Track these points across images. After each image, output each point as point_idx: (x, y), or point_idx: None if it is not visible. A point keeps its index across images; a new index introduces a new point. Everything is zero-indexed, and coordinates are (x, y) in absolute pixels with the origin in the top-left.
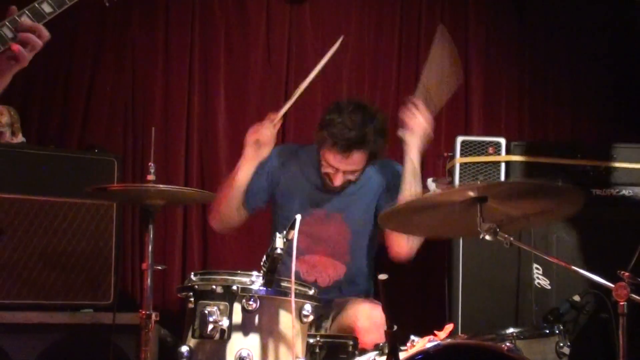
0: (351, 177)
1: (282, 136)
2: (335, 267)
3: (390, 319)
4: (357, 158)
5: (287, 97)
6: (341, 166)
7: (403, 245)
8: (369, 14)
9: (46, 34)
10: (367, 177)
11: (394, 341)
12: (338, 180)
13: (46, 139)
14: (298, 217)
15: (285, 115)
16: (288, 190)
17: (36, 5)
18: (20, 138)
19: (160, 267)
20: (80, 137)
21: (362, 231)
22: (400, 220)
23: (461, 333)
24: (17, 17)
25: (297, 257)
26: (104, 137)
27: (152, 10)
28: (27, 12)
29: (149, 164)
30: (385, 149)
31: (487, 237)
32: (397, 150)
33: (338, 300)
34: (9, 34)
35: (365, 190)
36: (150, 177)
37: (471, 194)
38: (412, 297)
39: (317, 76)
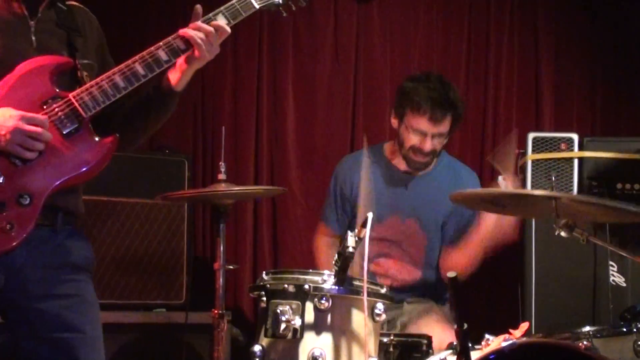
0: (437, 145)
1: (351, 142)
2: (410, 273)
3: (460, 317)
4: (446, 120)
5: (355, 96)
6: (430, 129)
7: (461, 264)
8: (437, 13)
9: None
10: (441, 179)
11: (465, 340)
12: (428, 145)
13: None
14: (370, 215)
15: (354, 122)
16: (362, 197)
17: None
18: None
19: (232, 267)
20: (151, 138)
21: (435, 236)
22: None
23: (535, 332)
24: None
25: (371, 261)
26: (174, 138)
27: None
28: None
29: (220, 163)
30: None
31: (563, 234)
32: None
33: (408, 306)
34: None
35: (440, 193)
36: (221, 176)
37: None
38: (484, 295)
39: None
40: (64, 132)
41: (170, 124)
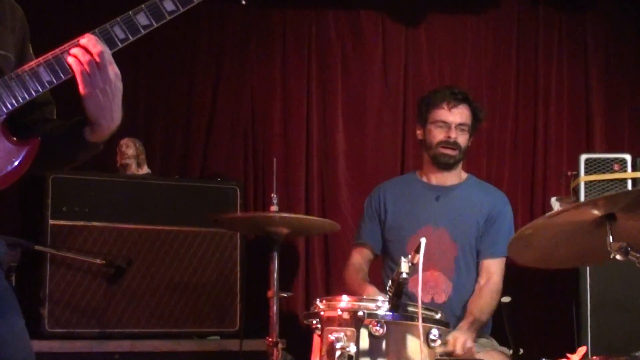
0: (461, 138)
1: (402, 166)
2: (446, 282)
3: (515, 342)
4: (464, 110)
5: (405, 120)
6: (452, 117)
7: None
8: (485, 35)
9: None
10: (470, 192)
11: None
12: (453, 133)
13: (170, 169)
14: (423, 240)
15: (404, 146)
16: (396, 211)
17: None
18: (145, 169)
19: (285, 295)
20: (202, 166)
21: (466, 249)
22: (524, 247)
23: (592, 356)
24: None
25: (411, 277)
26: (224, 166)
27: (269, 37)
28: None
29: (272, 195)
30: (483, 114)
31: (618, 257)
32: None
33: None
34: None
35: (469, 206)
36: (274, 207)
37: (597, 212)
38: (538, 320)
39: None
40: None
41: (221, 151)
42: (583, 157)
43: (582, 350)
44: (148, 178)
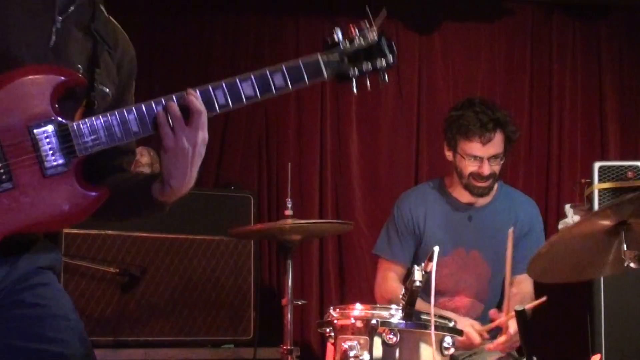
0: (496, 167)
1: (416, 175)
2: (474, 307)
3: (529, 350)
4: (498, 139)
5: (419, 128)
6: (485, 151)
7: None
8: (499, 43)
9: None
10: (502, 208)
11: None
12: (486, 169)
13: None
14: (436, 248)
15: (418, 154)
16: (429, 234)
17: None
18: None
19: (299, 302)
20: (216, 174)
21: (498, 269)
22: (542, 267)
23: None
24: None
25: (442, 298)
26: (238, 174)
27: (282, 44)
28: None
29: (286, 199)
30: (517, 134)
31: (632, 265)
32: None
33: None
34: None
35: (501, 223)
36: (288, 212)
37: (609, 222)
38: (552, 328)
39: None
40: (46, 167)
41: (235, 160)
42: (597, 165)
43: (596, 358)
44: None
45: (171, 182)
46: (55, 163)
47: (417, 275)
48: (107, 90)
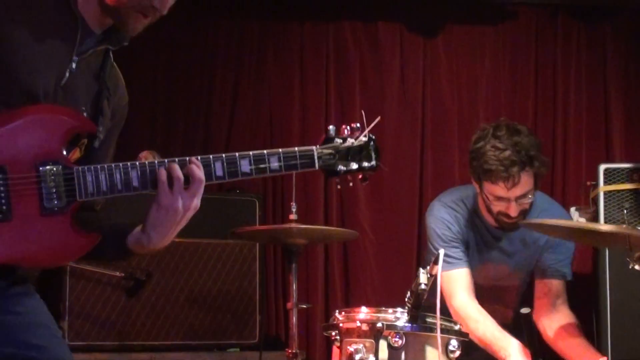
0: (525, 204)
1: (420, 179)
2: (503, 314)
3: (535, 352)
4: (524, 179)
5: (423, 132)
6: (511, 194)
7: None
8: (503, 46)
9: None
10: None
11: None
12: (514, 211)
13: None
14: (442, 251)
15: (422, 158)
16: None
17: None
18: None
19: (305, 306)
20: None
21: (527, 276)
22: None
23: None
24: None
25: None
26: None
27: (286, 48)
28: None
29: (291, 203)
30: (546, 164)
31: (637, 267)
32: None
33: None
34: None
35: (532, 238)
36: (293, 216)
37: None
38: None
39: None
40: (45, 206)
41: None
42: (602, 167)
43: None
44: None
45: (152, 234)
46: (54, 203)
47: (423, 278)
48: (99, 134)
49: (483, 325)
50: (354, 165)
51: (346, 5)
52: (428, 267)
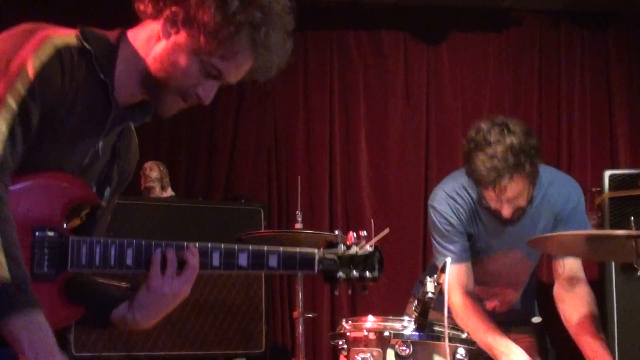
0: (522, 202)
1: (425, 183)
2: (513, 295)
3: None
4: (514, 184)
5: (428, 137)
6: (504, 199)
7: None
8: (507, 52)
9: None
10: (541, 206)
11: None
12: (507, 212)
13: (194, 192)
14: (448, 260)
15: (427, 163)
16: (470, 236)
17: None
18: (169, 192)
19: (311, 315)
20: (226, 188)
21: (537, 258)
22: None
23: None
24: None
25: (480, 287)
26: (248, 186)
27: (290, 58)
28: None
29: (297, 212)
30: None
31: None
32: None
33: None
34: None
35: (542, 221)
36: (298, 225)
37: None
38: (566, 337)
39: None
40: (35, 272)
41: (245, 173)
42: (607, 173)
43: None
44: (172, 201)
45: (137, 314)
46: (44, 270)
47: (430, 286)
48: (105, 204)
49: (477, 329)
50: (356, 274)
51: (350, 14)
52: (435, 276)
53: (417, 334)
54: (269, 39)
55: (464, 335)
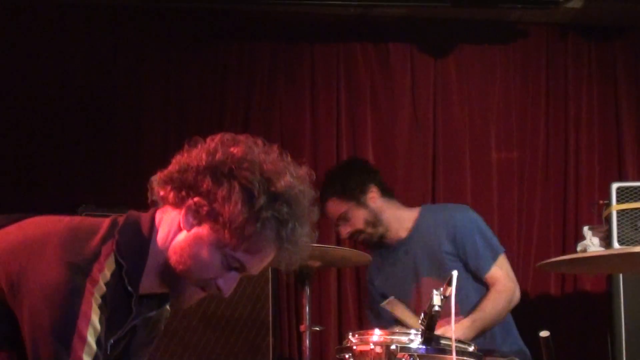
0: (352, 224)
1: (432, 200)
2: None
3: None
4: (330, 208)
5: (435, 153)
6: (331, 219)
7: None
8: (514, 67)
9: None
10: (426, 230)
11: None
12: (342, 232)
13: None
14: (455, 272)
15: (434, 180)
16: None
17: None
18: None
19: (318, 328)
20: None
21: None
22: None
23: None
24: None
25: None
26: None
27: (297, 71)
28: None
29: None
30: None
31: None
32: None
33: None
34: None
35: (434, 241)
36: None
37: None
38: (573, 351)
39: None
40: None
41: None
42: (614, 186)
43: None
44: None
45: None
46: None
47: (436, 300)
48: None
49: None
50: None
51: (356, 26)
52: (441, 289)
53: (423, 347)
54: (295, 234)
55: (470, 349)
